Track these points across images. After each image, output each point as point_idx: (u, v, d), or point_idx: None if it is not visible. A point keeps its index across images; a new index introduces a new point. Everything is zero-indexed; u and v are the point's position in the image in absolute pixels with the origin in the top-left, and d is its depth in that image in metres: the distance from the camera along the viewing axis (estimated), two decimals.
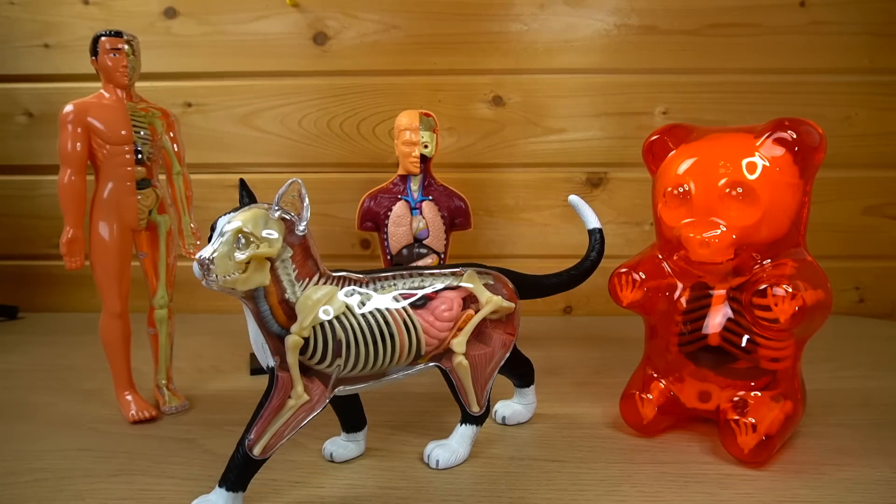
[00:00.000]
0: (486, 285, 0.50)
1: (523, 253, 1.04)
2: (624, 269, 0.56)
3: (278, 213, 0.43)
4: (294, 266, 0.43)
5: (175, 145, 0.65)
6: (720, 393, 0.53)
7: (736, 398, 0.52)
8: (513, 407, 0.60)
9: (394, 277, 0.48)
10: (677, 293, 0.55)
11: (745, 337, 0.51)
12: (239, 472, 0.43)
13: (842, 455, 0.52)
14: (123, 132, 0.60)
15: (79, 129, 0.59)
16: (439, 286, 0.49)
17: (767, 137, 0.49)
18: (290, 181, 0.43)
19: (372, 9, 0.99)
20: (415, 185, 0.80)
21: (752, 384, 0.52)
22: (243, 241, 0.41)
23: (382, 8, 0.99)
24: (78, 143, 0.59)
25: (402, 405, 0.64)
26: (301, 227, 0.43)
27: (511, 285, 0.52)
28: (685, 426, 0.57)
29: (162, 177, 0.65)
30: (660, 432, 0.57)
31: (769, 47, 0.97)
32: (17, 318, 1.03)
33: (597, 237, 0.58)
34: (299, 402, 0.44)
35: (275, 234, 0.42)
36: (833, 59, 0.97)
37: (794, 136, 0.49)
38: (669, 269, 0.56)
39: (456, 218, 0.81)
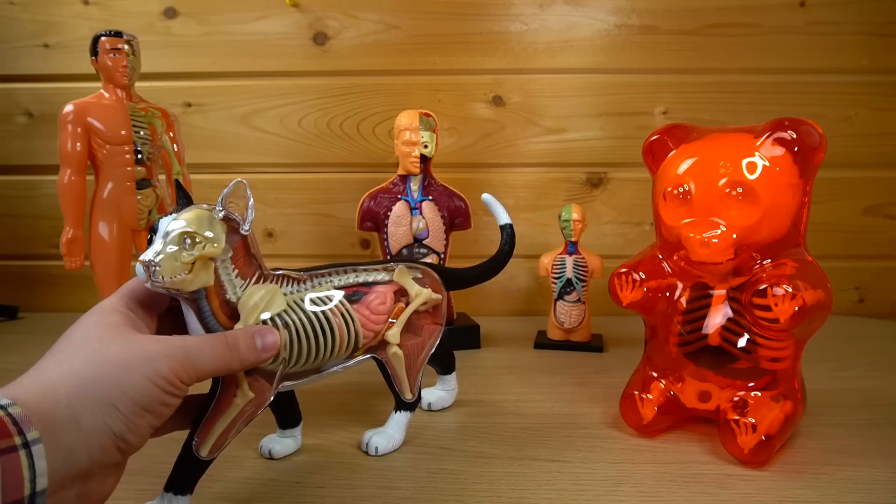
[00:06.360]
0: (415, 279, 0.53)
1: (523, 253, 1.03)
2: (624, 269, 0.56)
3: (223, 213, 0.43)
4: (234, 266, 0.43)
5: (175, 145, 0.65)
6: (720, 393, 0.53)
7: (736, 398, 0.52)
8: (436, 393, 0.63)
9: (330, 274, 0.49)
10: (677, 293, 0.55)
11: (745, 337, 0.51)
12: (186, 475, 0.43)
13: (842, 455, 0.52)
14: (123, 132, 0.60)
15: (79, 129, 0.59)
16: (372, 280, 0.50)
17: (767, 137, 0.49)
18: (234, 181, 0.43)
19: (372, 9, 0.99)
20: (415, 185, 0.80)
21: (752, 384, 0.52)
22: (189, 241, 0.40)
23: (382, 8, 0.99)
24: (78, 143, 0.59)
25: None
26: (245, 228, 0.43)
27: (437, 278, 0.55)
28: (685, 426, 0.57)
29: (162, 177, 0.65)
30: (660, 432, 0.57)
31: (769, 47, 0.97)
32: (17, 318, 1.03)
33: (508, 231, 0.63)
34: (245, 401, 0.44)
35: (219, 234, 0.42)
36: (833, 59, 0.97)
37: (794, 136, 0.49)
38: (669, 269, 0.56)
39: (456, 218, 0.81)
